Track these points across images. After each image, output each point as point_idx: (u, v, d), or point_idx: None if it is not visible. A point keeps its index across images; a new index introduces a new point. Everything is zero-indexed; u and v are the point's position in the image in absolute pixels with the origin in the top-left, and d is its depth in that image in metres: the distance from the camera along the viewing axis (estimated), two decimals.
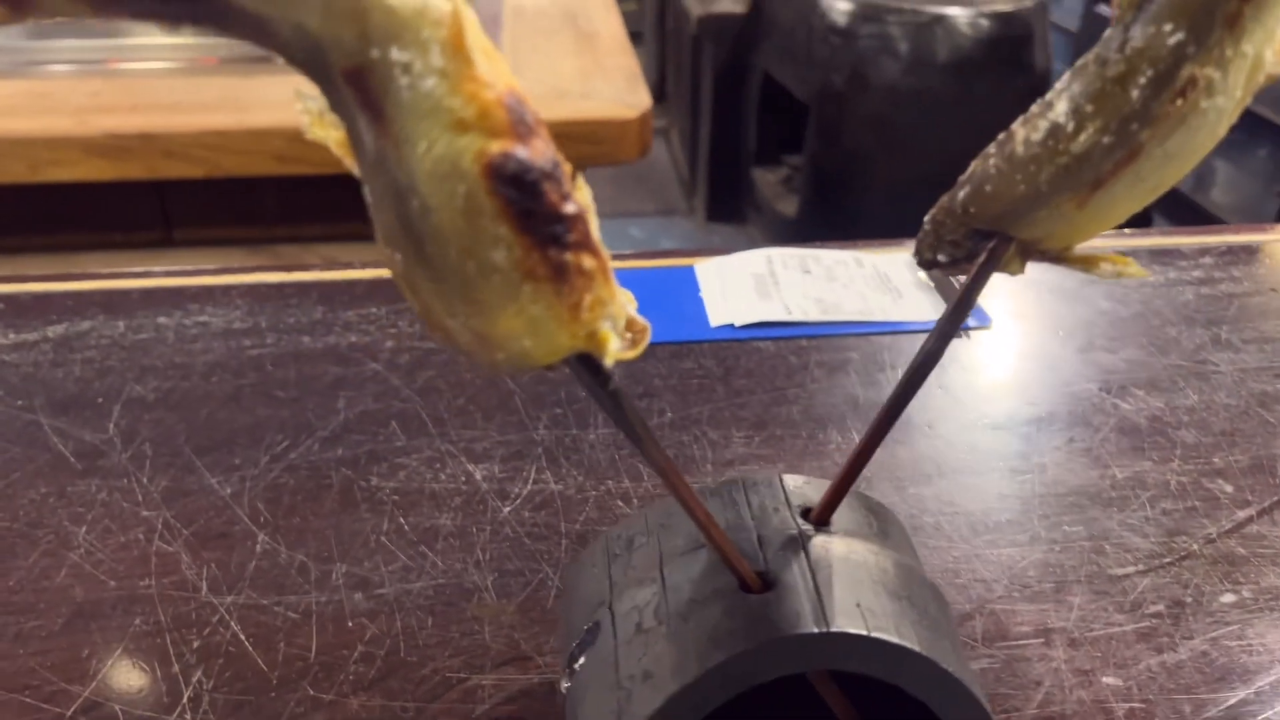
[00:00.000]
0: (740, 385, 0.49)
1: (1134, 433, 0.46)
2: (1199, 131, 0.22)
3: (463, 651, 0.35)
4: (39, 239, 1.27)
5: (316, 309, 0.55)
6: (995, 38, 2.19)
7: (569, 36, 1.42)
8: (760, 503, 0.28)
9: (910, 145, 2.26)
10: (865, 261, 0.58)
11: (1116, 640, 0.35)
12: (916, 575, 0.27)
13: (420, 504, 0.41)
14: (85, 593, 0.37)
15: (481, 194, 0.18)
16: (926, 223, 0.26)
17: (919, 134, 2.25)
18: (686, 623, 0.25)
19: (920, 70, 2.19)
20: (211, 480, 0.42)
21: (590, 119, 1.16)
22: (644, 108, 1.17)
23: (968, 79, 2.20)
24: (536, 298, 0.19)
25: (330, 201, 1.26)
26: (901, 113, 2.24)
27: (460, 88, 0.18)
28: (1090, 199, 0.22)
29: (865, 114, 2.25)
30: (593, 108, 1.17)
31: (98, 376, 0.49)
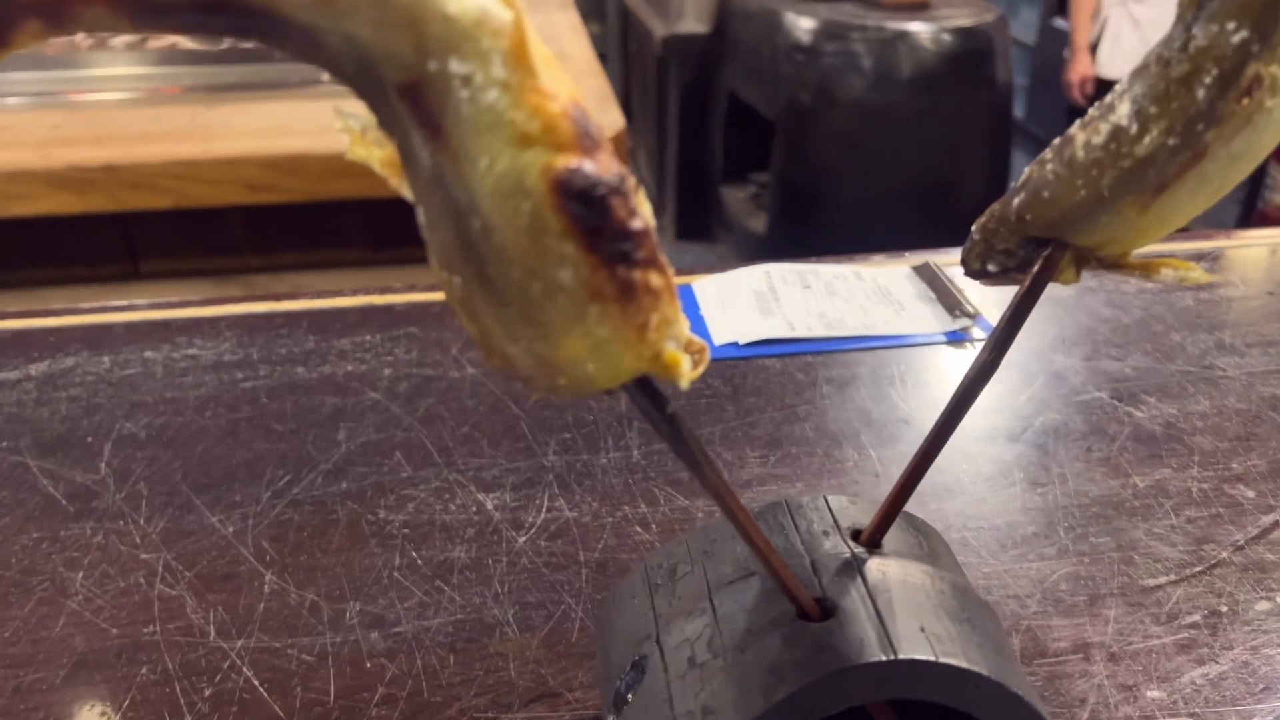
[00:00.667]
0: (750, 404, 0.48)
1: (1150, 440, 0.45)
2: (1265, 131, 0.21)
3: (489, 690, 0.33)
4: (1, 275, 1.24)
5: (309, 339, 0.53)
6: (957, 52, 2.21)
7: None
8: (809, 526, 0.27)
9: (876, 160, 2.28)
10: (865, 275, 0.58)
11: (1156, 653, 0.35)
12: (973, 596, 0.26)
13: (432, 536, 0.40)
14: (86, 642, 0.35)
15: (547, 211, 0.17)
16: (975, 231, 0.25)
17: (885, 148, 2.26)
18: (744, 654, 0.24)
19: (885, 86, 2.21)
20: (212, 519, 0.41)
21: None
22: (617, 128, 1.16)
23: (931, 93, 2.22)
24: (603, 319, 0.18)
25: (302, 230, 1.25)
26: (867, 128, 2.25)
27: (524, 100, 0.17)
28: (1154, 202, 0.22)
29: (831, 130, 2.26)
30: None
31: (85, 414, 0.47)
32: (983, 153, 2.33)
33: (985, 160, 2.33)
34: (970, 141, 2.31)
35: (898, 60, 2.22)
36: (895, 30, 2.16)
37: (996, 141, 2.33)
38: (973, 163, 2.32)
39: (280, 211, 1.16)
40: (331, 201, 1.16)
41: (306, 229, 1.26)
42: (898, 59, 2.22)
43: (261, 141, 1.10)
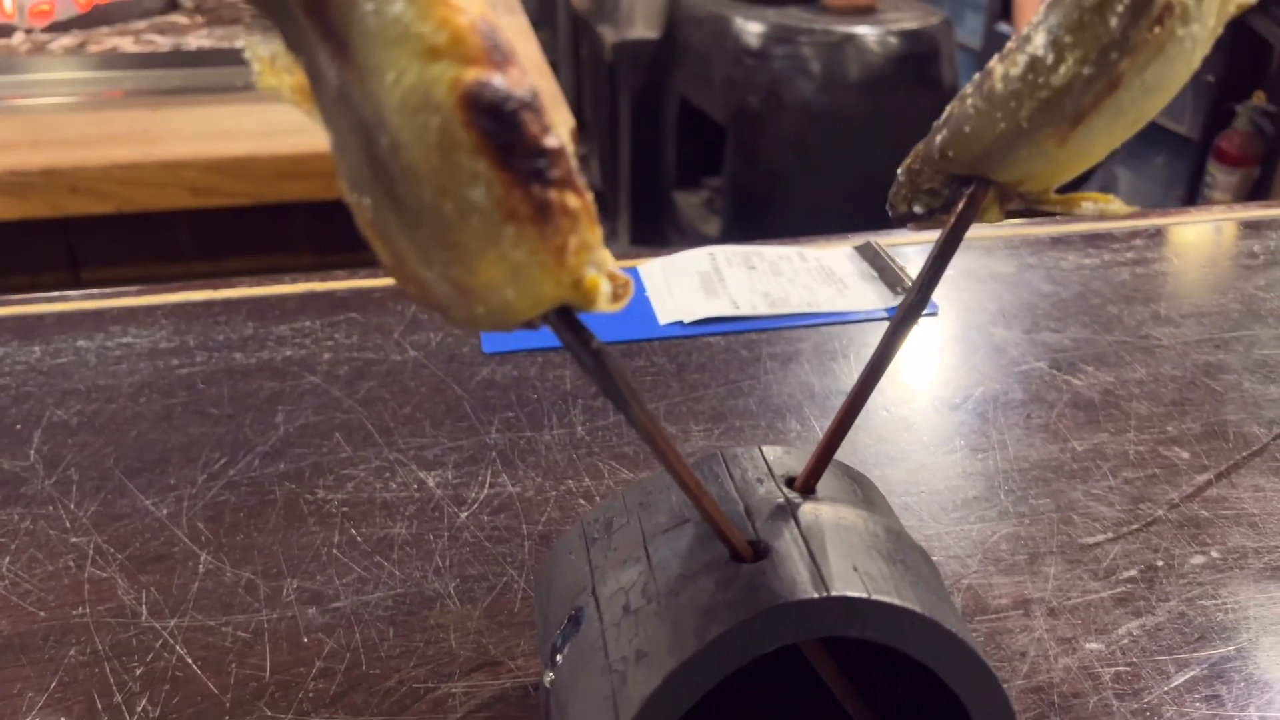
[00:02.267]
0: (694, 380, 0.48)
1: (1088, 407, 0.46)
2: (1176, 60, 0.21)
3: (429, 660, 0.33)
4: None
5: (247, 325, 0.52)
6: (904, 55, 2.24)
7: None
8: (743, 475, 0.27)
9: (826, 162, 2.29)
10: (808, 256, 0.58)
11: (1095, 607, 0.35)
12: (906, 539, 0.26)
13: (372, 514, 0.39)
14: (13, 625, 0.34)
15: (457, 126, 0.17)
16: (900, 174, 0.25)
17: (834, 151, 2.28)
18: (678, 598, 0.23)
19: (833, 89, 2.23)
20: (146, 502, 0.40)
21: None
22: (568, 126, 1.16)
23: (879, 96, 2.24)
24: (519, 241, 0.18)
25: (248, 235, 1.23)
26: (817, 131, 2.27)
27: (431, 12, 0.16)
28: (1071, 134, 0.22)
29: (781, 133, 2.28)
30: None
31: (14, 403, 0.46)
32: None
33: None
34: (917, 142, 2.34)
35: (845, 63, 2.24)
36: (842, 33, 2.18)
37: None
38: None
39: (226, 216, 1.14)
40: (278, 205, 1.15)
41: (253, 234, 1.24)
42: (845, 62, 2.24)
43: (205, 145, 1.09)
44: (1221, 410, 0.45)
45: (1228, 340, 0.51)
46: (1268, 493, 0.40)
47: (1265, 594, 0.35)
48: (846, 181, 2.28)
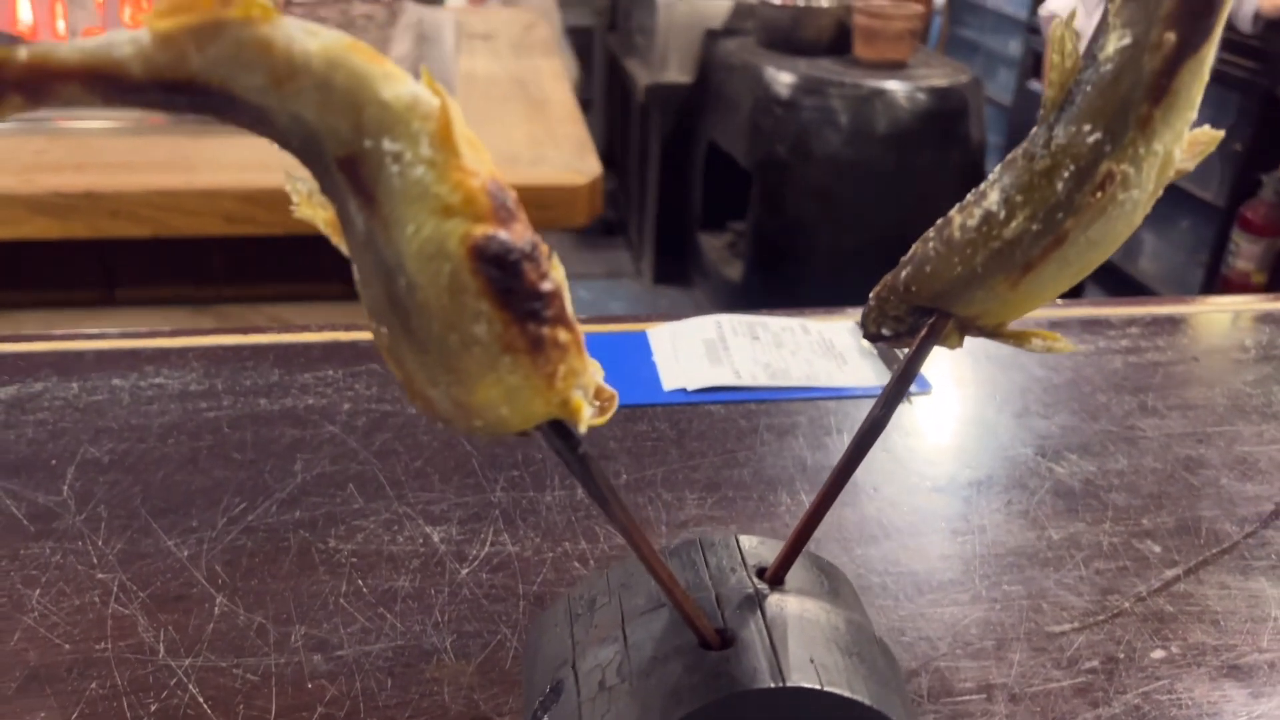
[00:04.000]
0: (693, 448, 0.50)
1: (1068, 495, 0.48)
2: (1117, 220, 0.24)
3: (422, 713, 0.35)
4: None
5: (273, 371, 0.55)
6: (932, 112, 2.26)
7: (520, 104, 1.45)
8: (718, 563, 0.29)
9: (850, 214, 2.32)
10: (811, 329, 0.60)
11: (1054, 695, 0.37)
12: (866, 632, 0.28)
13: (378, 566, 0.42)
14: (39, 656, 0.37)
15: (465, 273, 0.19)
16: (871, 299, 0.27)
17: (859, 203, 2.31)
18: (649, 679, 0.26)
19: (860, 142, 2.26)
20: (168, 542, 0.43)
21: (541, 185, 1.18)
22: (594, 174, 1.19)
23: (906, 151, 2.27)
24: (514, 368, 0.20)
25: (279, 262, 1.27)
26: (842, 182, 2.30)
27: (447, 176, 0.19)
28: (1022, 280, 0.24)
29: (807, 183, 2.31)
30: (543, 174, 1.20)
31: (51, 438, 0.49)
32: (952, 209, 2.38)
33: None
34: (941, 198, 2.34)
35: (873, 117, 2.27)
36: (872, 88, 2.21)
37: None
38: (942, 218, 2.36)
39: (258, 244, 1.18)
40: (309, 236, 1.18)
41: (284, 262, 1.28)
42: (873, 116, 2.27)
43: (242, 175, 1.12)
44: (1197, 505, 0.47)
45: (1210, 435, 0.53)
46: (1232, 591, 0.42)
47: (1219, 692, 0.37)
48: (869, 234, 2.31)
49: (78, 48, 0.17)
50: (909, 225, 1.81)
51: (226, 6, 0.18)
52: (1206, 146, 0.25)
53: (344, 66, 0.19)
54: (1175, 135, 0.24)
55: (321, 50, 0.19)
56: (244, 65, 0.18)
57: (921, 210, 2.52)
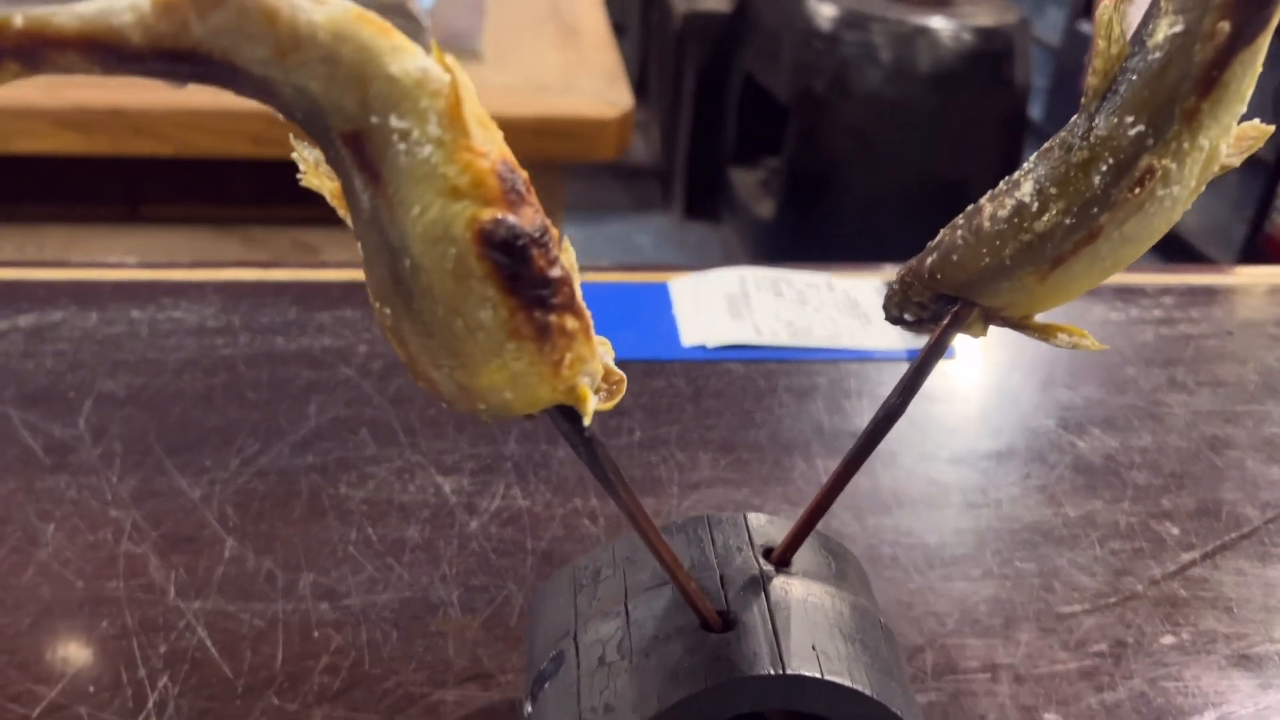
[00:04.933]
0: (709, 406, 0.50)
1: (1088, 471, 0.47)
2: (1155, 217, 0.23)
3: (426, 666, 0.35)
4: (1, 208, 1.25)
5: (291, 309, 0.55)
6: (977, 52, 2.20)
7: (552, 29, 1.42)
8: (725, 541, 0.29)
9: (888, 155, 2.28)
10: (836, 286, 0.59)
11: (1060, 678, 0.36)
12: (871, 617, 0.28)
13: (389, 515, 0.42)
14: (53, 592, 0.37)
15: (471, 257, 0.19)
16: (894, 282, 0.27)
17: (897, 144, 2.26)
18: (648, 659, 0.26)
19: (901, 80, 2.21)
20: (181, 481, 0.43)
21: (570, 116, 1.16)
22: (625, 107, 1.17)
23: (948, 92, 2.21)
24: (520, 354, 0.20)
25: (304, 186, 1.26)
26: (881, 122, 2.25)
27: (455, 156, 0.18)
28: (1051, 274, 0.23)
29: (845, 121, 2.27)
30: (573, 104, 1.18)
31: (69, 370, 0.49)
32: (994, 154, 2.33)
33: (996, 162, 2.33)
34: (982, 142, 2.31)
35: (916, 55, 2.22)
36: (915, 25, 2.16)
37: (1009, 144, 2.33)
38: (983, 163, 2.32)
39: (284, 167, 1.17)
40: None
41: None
42: (916, 54, 2.22)
43: None
44: (1219, 488, 0.46)
45: (1239, 414, 0.52)
46: (1248, 578, 0.41)
47: (1227, 681, 0.37)
48: (906, 176, 2.27)
49: (75, 14, 0.17)
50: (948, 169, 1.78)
51: None
52: (1255, 141, 0.23)
53: (351, 39, 0.18)
54: (1222, 129, 0.22)
55: (328, 21, 0.18)
56: (247, 36, 0.17)
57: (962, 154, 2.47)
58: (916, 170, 2.27)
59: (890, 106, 2.22)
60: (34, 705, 0.33)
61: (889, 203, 2.29)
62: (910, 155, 2.26)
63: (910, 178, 2.27)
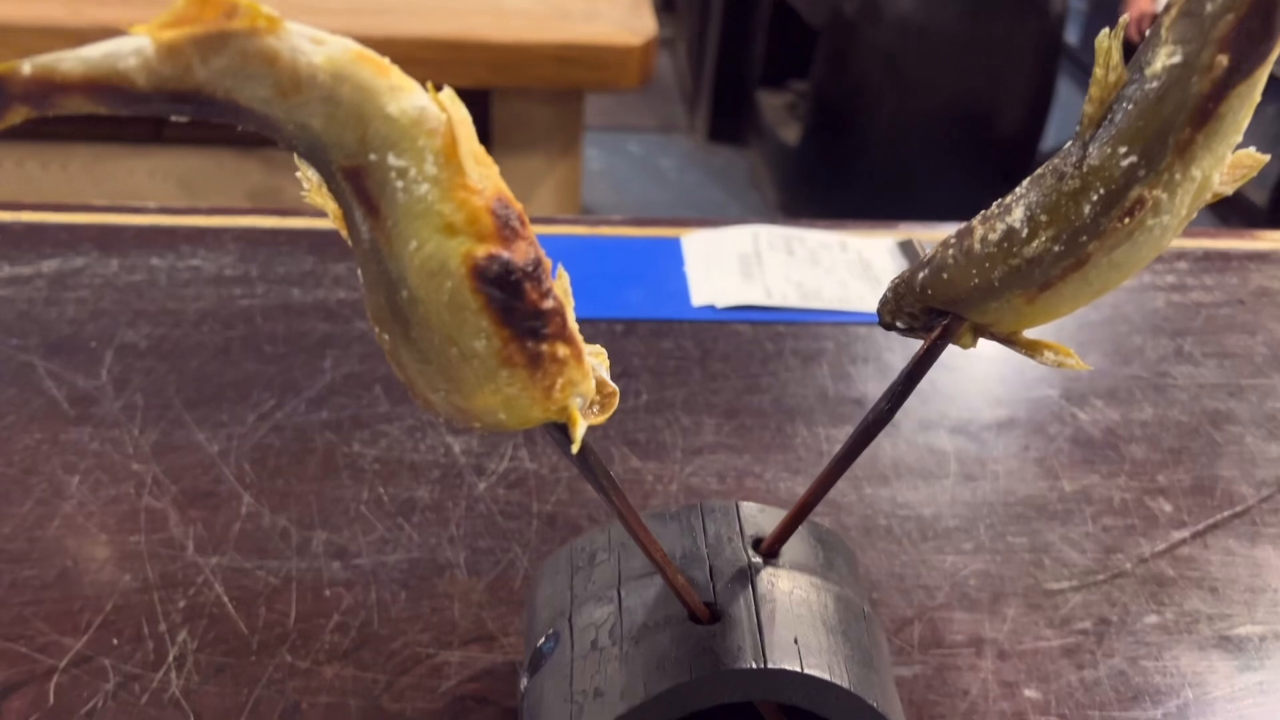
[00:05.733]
0: (716, 369, 0.50)
1: (1087, 444, 0.48)
2: (1144, 246, 0.23)
3: (432, 627, 0.37)
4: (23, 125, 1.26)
5: (307, 259, 0.56)
6: None
7: None
8: (716, 531, 0.30)
9: (918, 81, 2.24)
10: (849, 246, 0.60)
11: (1042, 654, 0.38)
12: (855, 608, 0.29)
13: (400, 474, 0.43)
14: (77, 545, 0.39)
15: (466, 291, 0.19)
16: (889, 290, 0.27)
17: (928, 70, 2.22)
18: (638, 646, 0.27)
19: (933, 4, 2.16)
20: (199, 436, 0.44)
21: (592, 44, 1.15)
22: (648, 35, 1.15)
23: (981, 17, 2.16)
24: (512, 381, 0.21)
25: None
26: (911, 47, 2.21)
27: (451, 194, 0.19)
28: (1039, 296, 0.24)
29: (874, 46, 2.22)
30: (595, 32, 1.16)
31: (91, 318, 0.50)
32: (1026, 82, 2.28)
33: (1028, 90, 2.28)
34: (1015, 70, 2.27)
35: None
36: None
37: (1042, 72, 2.28)
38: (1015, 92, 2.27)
39: None
40: None
41: None
42: None
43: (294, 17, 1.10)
44: (1216, 464, 0.47)
45: (1243, 388, 0.52)
46: (1236, 558, 0.42)
47: (1205, 662, 0.38)
48: (936, 104, 2.23)
49: (81, 59, 0.17)
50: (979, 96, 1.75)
51: (231, 18, 0.17)
52: (1249, 171, 0.23)
53: (350, 79, 0.18)
54: (1216, 160, 0.23)
55: (328, 62, 0.18)
56: (249, 77, 0.18)
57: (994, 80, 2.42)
58: (947, 97, 2.23)
59: (921, 30, 2.18)
60: (61, 656, 0.35)
61: (918, 130, 2.25)
62: (941, 82, 2.22)
63: (940, 104, 2.23)
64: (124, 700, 0.34)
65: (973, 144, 2.24)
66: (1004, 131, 2.24)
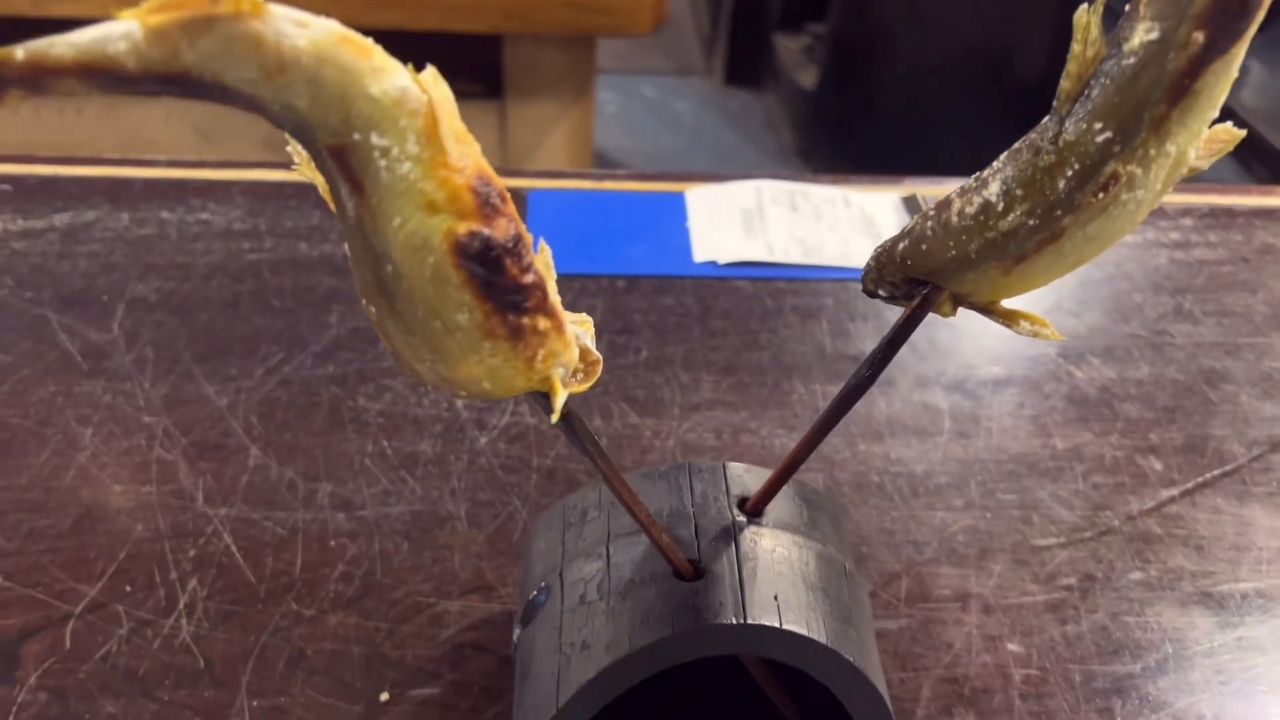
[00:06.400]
0: (716, 326, 0.51)
1: (1082, 403, 0.48)
2: (1118, 219, 0.23)
3: (434, 577, 0.38)
4: None
5: (314, 213, 0.56)
6: None
7: None
8: (703, 490, 0.31)
9: (938, 25, 2.20)
10: (853, 201, 0.60)
11: (1026, 609, 0.39)
12: (836, 565, 0.30)
13: (403, 428, 0.44)
14: (92, 495, 0.40)
15: (448, 267, 0.20)
16: (871, 259, 0.28)
17: (948, 14, 2.18)
18: (624, 601, 0.28)
19: None
20: (209, 389, 0.45)
21: None
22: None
23: None
24: (495, 352, 0.21)
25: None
26: None
27: (433, 173, 0.20)
28: (1014, 268, 0.24)
29: None
30: None
31: (103, 272, 0.51)
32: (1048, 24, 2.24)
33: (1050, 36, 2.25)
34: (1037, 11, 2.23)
35: None
36: None
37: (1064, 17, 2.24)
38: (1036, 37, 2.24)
39: None
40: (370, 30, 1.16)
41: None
42: None
43: None
44: (1209, 423, 0.48)
45: (1240, 346, 0.52)
46: (1224, 516, 0.43)
47: (1186, 618, 0.39)
48: (956, 49, 2.20)
49: (72, 44, 0.18)
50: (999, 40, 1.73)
51: (216, 2, 0.18)
52: (1225, 145, 0.24)
53: (333, 61, 0.19)
54: (1191, 135, 0.23)
55: (311, 45, 0.19)
56: (235, 59, 0.18)
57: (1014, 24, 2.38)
58: (966, 41, 2.19)
59: None
60: (76, 602, 0.37)
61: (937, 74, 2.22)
62: (961, 26, 2.19)
63: (959, 48, 2.20)
64: (137, 645, 0.35)
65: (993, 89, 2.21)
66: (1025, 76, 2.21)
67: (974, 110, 2.28)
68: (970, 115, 2.28)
